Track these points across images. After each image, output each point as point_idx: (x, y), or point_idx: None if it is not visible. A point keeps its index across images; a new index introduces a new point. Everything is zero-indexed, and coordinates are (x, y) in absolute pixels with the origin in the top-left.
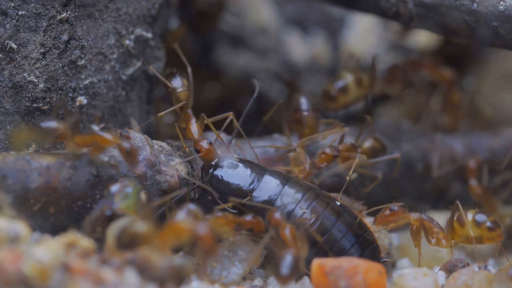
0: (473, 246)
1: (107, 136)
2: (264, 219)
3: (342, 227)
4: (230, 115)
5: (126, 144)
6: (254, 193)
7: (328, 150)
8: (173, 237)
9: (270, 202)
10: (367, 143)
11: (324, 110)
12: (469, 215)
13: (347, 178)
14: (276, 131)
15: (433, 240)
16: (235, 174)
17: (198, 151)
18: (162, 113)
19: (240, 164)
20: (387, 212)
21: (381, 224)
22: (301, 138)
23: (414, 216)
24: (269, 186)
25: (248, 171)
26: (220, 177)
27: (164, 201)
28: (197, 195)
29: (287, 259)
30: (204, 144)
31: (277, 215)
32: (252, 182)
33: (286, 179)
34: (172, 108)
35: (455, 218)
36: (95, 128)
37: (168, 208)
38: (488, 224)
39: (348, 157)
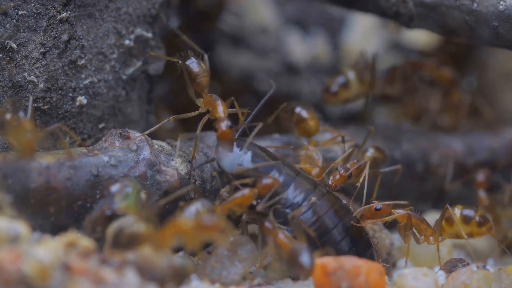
0: (471, 246)
1: None
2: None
3: (340, 230)
4: (245, 112)
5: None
6: None
7: (342, 172)
8: (174, 234)
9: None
10: (369, 153)
11: (325, 105)
12: (457, 211)
13: (357, 184)
14: (278, 131)
15: (421, 237)
16: (248, 159)
17: (216, 130)
18: (147, 132)
19: (255, 149)
20: (372, 209)
21: (367, 222)
22: (307, 137)
23: (400, 213)
24: (280, 174)
25: (262, 156)
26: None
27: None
28: (196, 195)
29: (304, 251)
30: (224, 124)
31: (267, 225)
32: (265, 168)
33: (296, 172)
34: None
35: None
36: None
37: (167, 209)
38: (477, 219)
39: (358, 174)
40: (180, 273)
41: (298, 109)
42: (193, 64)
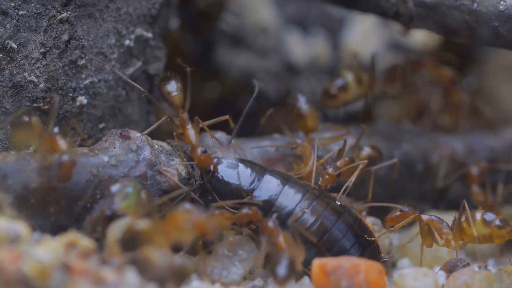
0: (475, 245)
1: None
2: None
3: (342, 227)
4: (226, 118)
5: (64, 157)
6: (255, 193)
7: (331, 171)
8: (174, 231)
9: (271, 202)
10: (364, 152)
11: (324, 108)
12: (478, 215)
13: (348, 182)
14: (276, 131)
15: (441, 241)
16: (235, 174)
17: (192, 158)
18: (146, 132)
19: (240, 164)
20: (398, 213)
21: (391, 225)
22: (305, 133)
23: (424, 218)
24: (269, 186)
25: (248, 170)
26: (220, 177)
27: (164, 201)
28: (197, 195)
29: (284, 261)
30: (198, 152)
31: (270, 224)
32: (253, 182)
33: (286, 178)
34: (154, 126)
35: (463, 218)
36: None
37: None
38: (497, 222)
39: (350, 172)
40: (180, 273)
41: (299, 104)
42: (169, 83)
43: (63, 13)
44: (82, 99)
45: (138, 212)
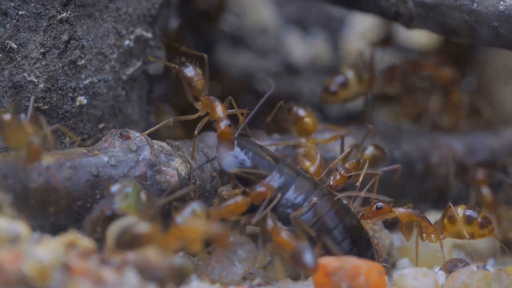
0: (471, 246)
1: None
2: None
3: (341, 231)
4: (245, 112)
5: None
6: (267, 180)
7: (343, 172)
8: (179, 238)
9: (283, 191)
10: (368, 152)
11: (324, 104)
12: (460, 211)
13: (357, 184)
14: (277, 131)
15: (423, 235)
16: (251, 157)
17: (216, 130)
18: (147, 132)
19: (258, 149)
20: (374, 209)
21: (368, 220)
22: (306, 135)
23: (401, 211)
24: (282, 175)
25: (265, 156)
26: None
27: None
28: (197, 195)
29: (305, 250)
30: (222, 125)
31: (270, 223)
32: (267, 168)
33: (297, 172)
34: (156, 126)
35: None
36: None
37: (168, 208)
38: (480, 220)
39: (357, 175)
40: (180, 273)
41: (295, 108)
42: (187, 69)
43: (63, 13)
44: (82, 99)
45: (138, 212)
